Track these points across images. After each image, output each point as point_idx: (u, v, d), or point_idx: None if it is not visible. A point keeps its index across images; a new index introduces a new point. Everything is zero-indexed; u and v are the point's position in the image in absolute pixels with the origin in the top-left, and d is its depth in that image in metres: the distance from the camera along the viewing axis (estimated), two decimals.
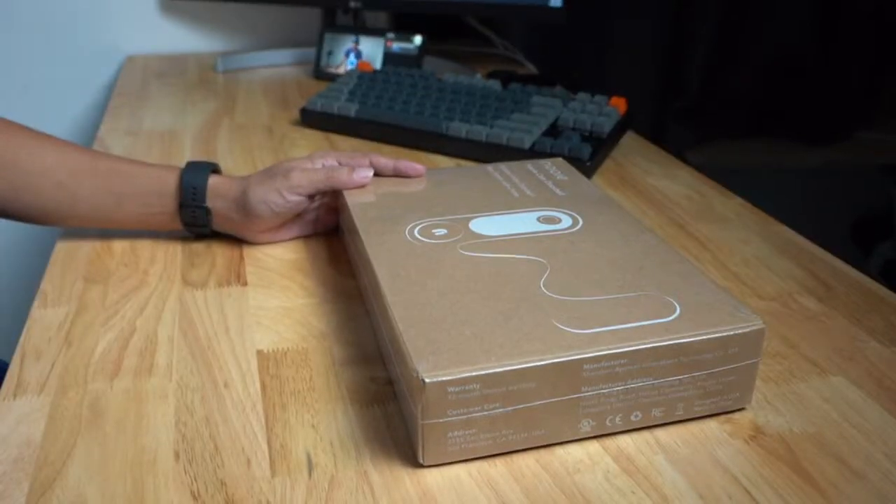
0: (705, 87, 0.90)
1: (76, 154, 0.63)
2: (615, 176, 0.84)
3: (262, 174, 0.64)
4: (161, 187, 0.64)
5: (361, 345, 0.54)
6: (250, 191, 0.63)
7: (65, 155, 0.62)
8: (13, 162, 0.61)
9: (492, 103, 0.91)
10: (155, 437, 0.45)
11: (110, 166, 0.63)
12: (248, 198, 0.63)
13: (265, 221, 0.64)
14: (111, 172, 0.63)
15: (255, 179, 0.64)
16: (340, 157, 0.67)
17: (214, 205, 0.64)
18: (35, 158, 0.61)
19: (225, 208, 0.64)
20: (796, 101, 0.76)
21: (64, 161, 0.62)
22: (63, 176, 0.62)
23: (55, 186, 0.62)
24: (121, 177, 0.63)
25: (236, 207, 0.64)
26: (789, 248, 0.68)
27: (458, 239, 0.55)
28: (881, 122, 0.68)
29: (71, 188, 0.62)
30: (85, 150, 0.64)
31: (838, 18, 0.71)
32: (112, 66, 1.37)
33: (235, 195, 0.63)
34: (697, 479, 0.42)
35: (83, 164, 0.63)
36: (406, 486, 0.42)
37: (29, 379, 0.50)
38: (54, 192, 0.62)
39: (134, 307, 0.58)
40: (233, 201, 0.64)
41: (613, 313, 0.46)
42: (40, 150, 0.62)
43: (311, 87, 1.17)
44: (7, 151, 0.61)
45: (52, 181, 0.62)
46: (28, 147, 0.62)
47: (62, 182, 0.62)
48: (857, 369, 0.52)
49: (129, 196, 0.63)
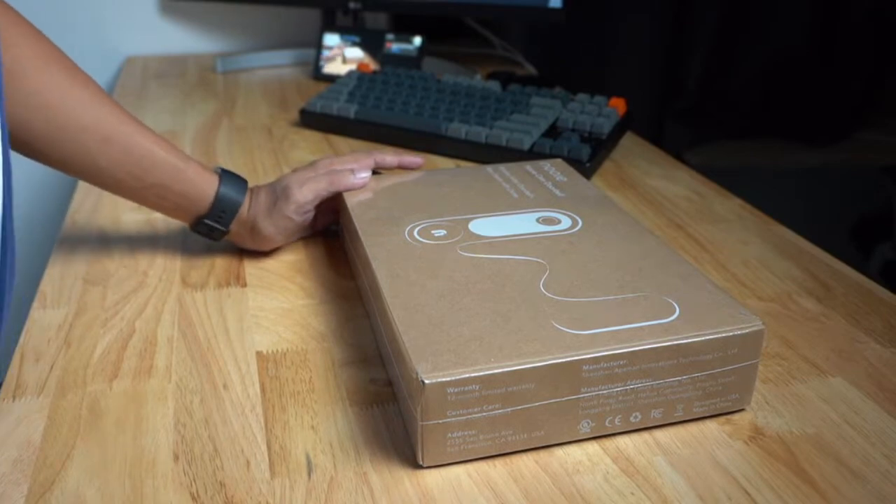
0: (704, 87, 0.90)
1: (113, 120, 0.58)
2: (614, 177, 0.84)
3: (267, 203, 0.63)
4: (195, 194, 0.61)
5: (361, 346, 0.54)
6: (260, 222, 0.62)
7: (100, 120, 0.57)
8: (47, 105, 0.55)
9: (491, 104, 0.91)
10: (154, 439, 0.45)
11: (146, 151, 0.59)
12: (260, 229, 0.63)
13: (276, 242, 0.64)
14: (145, 159, 0.58)
15: (261, 210, 0.63)
16: (346, 162, 0.66)
17: (232, 227, 0.63)
18: (70, 112, 0.56)
19: (237, 232, 0.64)
20: (796, 102, 0.76)
21: (98, 126, 0.57)
22: (93, 142, 0.57)
23: (82, 148, 0.57)
24: (156, 168, 0.59)
25: (249, 232, 0.63)
26: (789, 249, 0.68)
27: (457, 240, 0.55)
28: (880, 122, 0.68)
29: (96, 155, 0.57)
30: (124, 119, 0.58)
31: (838, 19, 0.71)
32: (112, 67, 1.37)
33: (250, 223, 0.63)
34: (697, 480, 0.42)
35: (118, 137, 0.57)
36: (406, 487, 0.42)
37: (28, 380, 0.50)
38: (79, 152, 0.57)
39: (133, 308, 0.58)
40: (246, 227, 0.63)
41: (613, 314, 0.46)
42: (79, 105, 0.56)
43: (311, 87, 1.17)
44: (52, 95, 0.55)
45: (81, 142, 0.56)
46: (70, 98, 0.56)
47: (90, 147, 0.57)
48: (857, 370, 0.52)
49: (156, 186, 0.60)
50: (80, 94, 0.56)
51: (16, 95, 0.54)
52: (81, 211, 0.74)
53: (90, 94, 0.57)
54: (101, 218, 0.73)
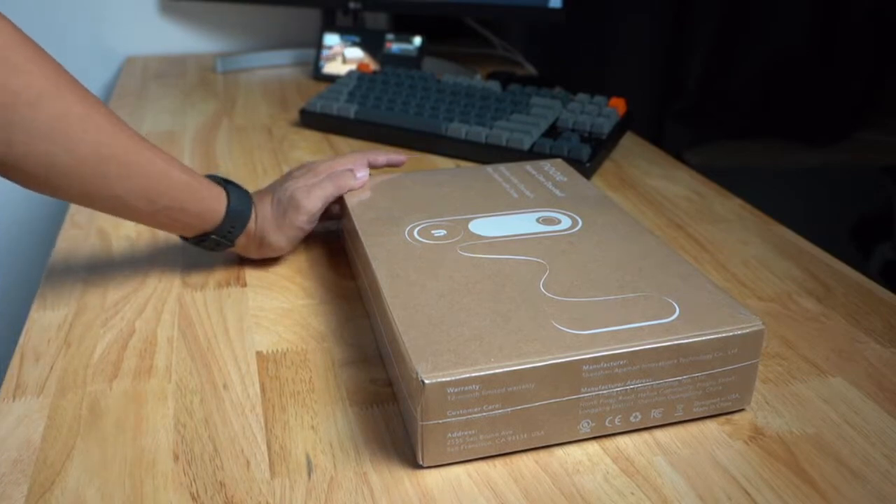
0: (705, 87, 0.90)
1: (132, 146, 0.52)
2: (614, 177, 0.84)
3: (273, 216, 0.61)
4: (207, 213, 0.57)
5: (361, 346, 0.54)
6: (270, 236, 0.61)
7: (119, 146, 0.51)
8: (68, 135, 0.48)
9: (491, 104, 0.91)
10: (154, 439, 0.45)
11: (163, 174, 0.54)
12: (269, 240, 0.61)
13: (284, 252, 0.63)
14: (161, 183, 0.54)
15: (269, 224, 0.61)
16: (344, 163, 0.66)
17: (238, 241, 0.61)
18: (92, 141, 0.49)
19: (243, 245, 0.61)
20: (795, 102, 0.76)
21: (117, 153, 0.51)
22: (114, 171, 0.51)
23: (102, 178, 0.51)
24: (172, 190, 0.54)
25: (256, 244, 0.62)
26: (789, 248, 0.68)
27: (457, 240, 0.55)
28: (880, 122, 0.68)
29: (115, 184, 0.51)
30: (139, 142, 0.53)
31: (837, 19, 0.71)
32: (111, 67, 1.37)
33: (258, 236, 0.61)
34: (697, 480, 0.42)
35: (137, 162, 0.52)
36: (406, 487, 0.42)
37: (28, 380, 0.50)
38: (100, 183, 0.51)
39: (133, 308, 0.58)
40: (254, 241, 0.61)
41: (613, 314, 0.46)
42: (101, 133, 0.50)
43: (311, 87, 1.17)
44: (72, 124, 0.48)
45: (102, 171, 0.51)
46: (90, 125, 0.49)
47: (110, 177, 0.51)
48: (857, 370, 0.52)
49: (169, 209, 0.55)
50: (100, 120, 0.50)
51: (32, 126, 0.47)
52: (81, 211, 0.74)
53: (107, 118, 0.51)
54: (101, 218, 0.73)
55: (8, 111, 0.46)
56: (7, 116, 0.46)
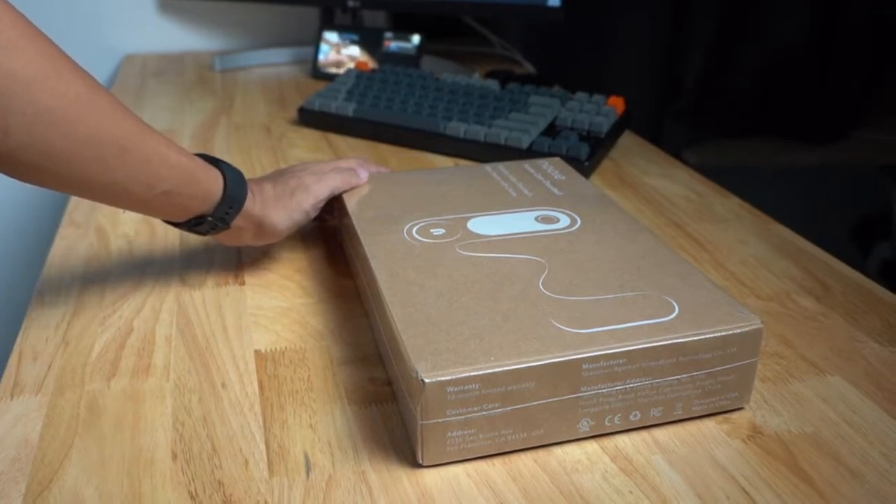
0: (703, 86, 0.90)
1: (132, 129, 0.50)
2: (613, 176, 0.84)
3: (276, 195, 0.60)
4: (203, 195, 0.55)
5: (360, 345, 0.54)
6: (271, 215, 0.59)
7: (119, 129, 0.49)
8: (66, 119, 0.46)
9: (490, 103, 0.90)
10: (152, 438, 0.45)
11: (161, 157, 0.51)
12: (269, 220, 0.59)
13: (282, 236, 0.61)
14: (161, 167, 0.51)
15: (270, 203, 0.59)
16: (347, 164, 0.67)
17: (235, 223, 0.58)
18: (93, 125, 0.47)
19: (240, 227, 0.58)
20: (794, 101, 0.76)
21: (118, 137, 0.48)
22: (112, 155, 0.49)
23: (101, 163, 0.48)
24: (170, 174, 0.52)
25: (253, 227, 0.59)
26: (787, 248, 0.68)
27: (456, 239, 0.55)
28: (879, 121, 0.68)
29: (115, 169, 0.49)
30: (138, 125, 0.51)
31: (837, 18, 0.71)
32: (110, 64, 1.36)
33: (256, 218, 0.59)
34: (695, 478, 0.42)
35: (137, 146, 0.50)
36: (404, 487, 0.42)
37: (26, 379, 0.50)
38: (99, 168, 0.49)
39: (131, 307, 0.58)
40: (251, 222, 0.59)
41: (612, 313, 0.46)
42: (102, 115, 0.48)
43: (309, 86, 1.17)
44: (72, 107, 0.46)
45: (101, 156, 0.48)
46: (92, 108, 0.47)
47: (108, 161, 0.49)
48: (855, 369, 0.52)
49: (167, 193, 0.53)
50: (100, 102, 0.48)
51: (30, 110, 0.44)
52: (80, 209, 0.74)
53: (108, 101, 0.48)
54: (99, 216, 0.73)
55: (4, 96, 0.43)
56: (3, 101, 0.43)
